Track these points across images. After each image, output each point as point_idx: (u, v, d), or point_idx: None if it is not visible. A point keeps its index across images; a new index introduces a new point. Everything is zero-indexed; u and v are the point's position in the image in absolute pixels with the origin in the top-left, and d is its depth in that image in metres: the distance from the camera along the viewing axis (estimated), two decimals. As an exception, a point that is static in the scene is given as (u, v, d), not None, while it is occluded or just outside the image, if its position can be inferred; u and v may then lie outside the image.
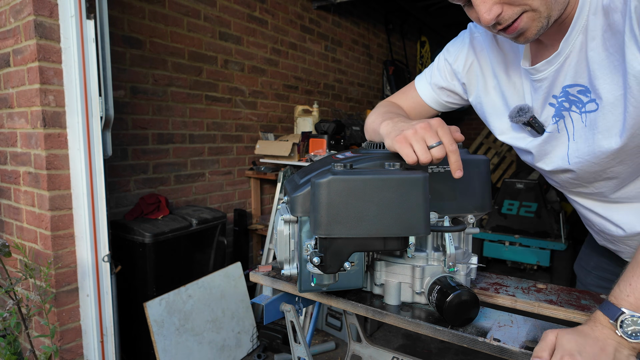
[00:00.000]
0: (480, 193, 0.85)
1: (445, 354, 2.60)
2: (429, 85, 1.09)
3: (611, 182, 0.86)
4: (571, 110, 0.83)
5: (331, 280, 0.78)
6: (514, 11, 0.72)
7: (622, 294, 0.66)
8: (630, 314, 0.63)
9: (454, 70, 1.03)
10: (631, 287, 0.65)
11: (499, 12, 0.72)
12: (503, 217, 3.62)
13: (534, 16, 0.72)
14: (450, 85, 1.05)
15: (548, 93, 0.86)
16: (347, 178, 0.67)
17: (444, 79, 1.05)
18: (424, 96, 1.10)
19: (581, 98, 0.80)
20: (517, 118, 0.90)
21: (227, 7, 3.02)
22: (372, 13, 4.79)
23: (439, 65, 1.06)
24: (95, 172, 1.81)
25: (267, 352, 2.53)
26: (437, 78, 1.06)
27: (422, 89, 1.10)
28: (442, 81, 1.06)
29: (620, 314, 0.63)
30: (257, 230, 3.23)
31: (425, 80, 1.09)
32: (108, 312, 1.89)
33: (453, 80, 1.04)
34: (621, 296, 0.65)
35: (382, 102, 1.15)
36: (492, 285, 0.94)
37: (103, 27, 1.78)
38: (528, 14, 0.72)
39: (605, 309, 0.66)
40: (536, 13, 0.72)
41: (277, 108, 3.55)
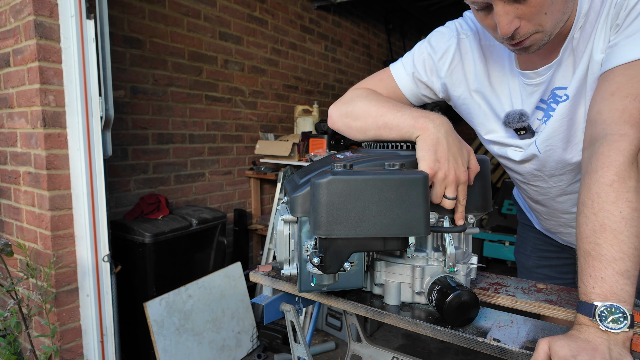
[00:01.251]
0: (480, 193, 0.85)
1: (445, 354, 2.60)
2: (408, 76, 1.05)
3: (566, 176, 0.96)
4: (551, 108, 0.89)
5: (331, 281, 0.78)
6: (529, 29, 0.77)
7: (588, 288, 0.66)
8: (602, 305, 0.64)
9: (437, 68, 1.02)
10: (592, 278, 0.66)
11: (517, 26, 0.76)
12: (503, 217, 3.62)
13: (542, 37, 0.79)
14: (429, 81, 1.04)
15: (540, 96, 0.91)
16: (347, 178, 0.67)
17: (424, 72, 1.03)
18: (402, 86, 1.06)
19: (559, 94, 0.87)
20: (518, 123, 0.94)
21: (227, 7, 3.02)
22: (372, 13, 4.79)
23: (420, 56, 1.04)
24: (95, 172, 1.81)
25: (267, 352, 2.53)
26: (419, 70, 1.04)
27: (401, 79, 1.06)
28: (422, 74, 1.04)
29: (594, 308, 0.64)
30: (257, 230, 3.23)
31: (404, 70, 1.06)
32: (108, 312, 1.89)
33: (432, 76, 1.03)
34: (588, 290, 0.66)
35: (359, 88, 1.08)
36: (492, 285, 0.94)
37: (103, 27, 1.78)
38: (538, 35, 0.78)
39: (582, 308, 0.66)
40: (544, 34, 0.78)
41: (277, 108, 3.55)
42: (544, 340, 0.65)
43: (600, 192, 0.68)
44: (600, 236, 0.66)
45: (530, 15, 0.76)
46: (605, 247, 0.66)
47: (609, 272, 0.65)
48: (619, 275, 0.64)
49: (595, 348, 0.62)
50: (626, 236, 0.65)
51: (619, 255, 0.65)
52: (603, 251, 0.66)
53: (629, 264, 0.64)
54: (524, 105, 0.94)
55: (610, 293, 0.64)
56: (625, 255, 0.65)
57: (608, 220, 0.66)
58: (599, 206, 0.68)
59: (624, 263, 0.64)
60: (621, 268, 0.64)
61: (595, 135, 0.74)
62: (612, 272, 0.65)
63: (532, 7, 0.75)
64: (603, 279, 0.65)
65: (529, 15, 0.76)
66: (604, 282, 0.65)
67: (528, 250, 1.32)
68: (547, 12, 0.76)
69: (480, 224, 3.74)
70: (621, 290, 0.64)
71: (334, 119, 1.03)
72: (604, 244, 0.66)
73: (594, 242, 0.67)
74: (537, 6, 0.75)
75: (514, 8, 0.75)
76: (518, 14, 0.75)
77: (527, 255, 1.33)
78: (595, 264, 0.66)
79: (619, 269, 0.64)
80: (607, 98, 0.73)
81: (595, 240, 0.67)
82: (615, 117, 0.71)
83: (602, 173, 0.69)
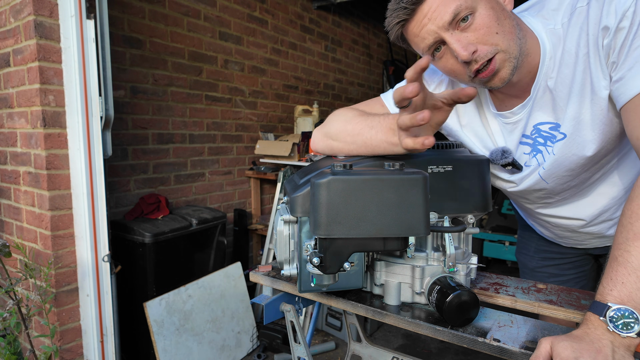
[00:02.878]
0: (480, 193, 0.85)
1: (445, 354, 2.60)
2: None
3: (572, 190, 1.01)
4: (547, 145, 0.94)
5: (331, 281, 0.78)
6: (488, 50, 0.80)
7: (606, 290, 0.67)
8: (616, 307, 0.64)
9: None
10: (613, 282, 0.67)
11: (475, 50, 0.80)
12: (503, 217, 3.62)
13: (505, 57, 0.82)
14: None
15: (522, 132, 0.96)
16: (347, 178, 0.67)
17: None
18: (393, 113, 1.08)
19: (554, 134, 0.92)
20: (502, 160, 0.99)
21: (227, 7, 3.02)
22: (372, 13, 4.79)
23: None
24: (95, 172, 1.81)
25: (267, 352, 2.53)
26: None
27: (393, 106, 1.07)
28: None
29: (607, 309, 0.64)
30: (257, 230, 3.23)
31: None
32: (108, 312, 1.89)
33: None
34: (605, 292, 0.67)
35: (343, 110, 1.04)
36: (492, 285, 0.94)
37: (103, 27, 1.78)
38: (500, 55, 0.81)
39: (594, 307, 0.67)
40: (506, 54, 0.81)
41: (277, 108, 3.55)
42: (546, 339, 0.64)
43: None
44: (631, 244, 0.68)
45: (482, 38, 0.80)
46: (634, 254, 0.67)
47: (632, 278, 0.65)
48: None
49: (599, 350, 0.61)
50: None
51: None
52: (631, 259, 0.67)
53: None
54: (507, 143, 0.99)
55: (628, 298, 0.65)
56: None
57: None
58: (636, 216, 0.70)
59: None
60: None
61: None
62: (635, 280, 0.65)
63: (480, 30, 0.79)
64: (624, 284, 0.66)
65: (481, 38, 0.80)
66: (624, 287, 0.66)
67: (531, 251, 1.33)
68: (497, 32, 0.80)
69: (480, 224, 3.74)
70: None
71: (316, 142, 1.02)
72: (633, 252, 0.67)
73: (624, 249, 0.68)
74: (484, 27, 0.79)
75: (464, 36, 0.80)
76: (470, 41, 0.80)
77: (531, 257, 1.33)
78: (620, 269, 0.67)
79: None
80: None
81: (626, 247, 0.68)
82: None
83: None
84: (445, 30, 0.81)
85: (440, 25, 0.80)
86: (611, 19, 0.77)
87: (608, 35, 0.78)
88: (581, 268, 1.27)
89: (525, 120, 0.94)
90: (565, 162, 0.93)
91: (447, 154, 0.84)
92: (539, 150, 0.96)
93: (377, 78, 5.07)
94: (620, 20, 0.76)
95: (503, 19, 0.81)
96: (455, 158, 0.83)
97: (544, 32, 0.87)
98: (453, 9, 0.78)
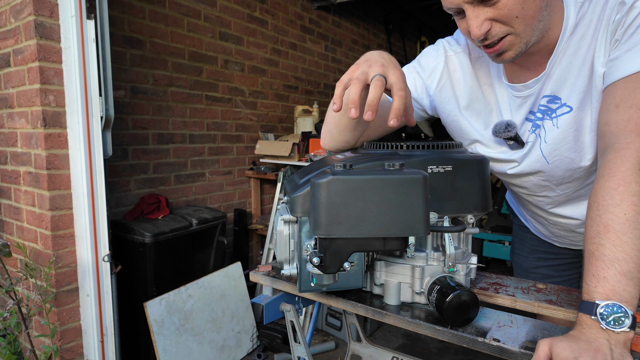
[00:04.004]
0: (480, 193, 0.85)
1: (445, 354, 2.60)
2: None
3: (573, 184, 0.99)
4: (544, 119, 0.93)
5: (331, 281, 0.78)
6: (502, 30, 0.80)
7: (590, 287, 0.67)
8: (604, 304, 0.64)
9: (426, 85, 1.06)
10: (595, 278, 0.67)
11: (489, 29, 0.80)
12: (503, 217, 3.62)
13: (515, 40, 0.82)
14: (419, 98, 1.08)
15: (530, 109, 0.95)
16: (347, 178, 0.67)
17: (414, 89, 1.08)
18: None
19: (550, 106, 0.91)
20: (504, 133, 0.97)
21: (227, 7, 3.02)
22: (372, 13, 4.79)
23: (410, 75, 1.08)
24: (95, 172, 1.81)
25: (267, 351, 2.53)
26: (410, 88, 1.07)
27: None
28: (412, 92, 1.07)
29: (596, 307, 0.65)
30: (257, 230, 3.23)
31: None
32: (108, 311, 1.89)
33: (423, 94, 1.07)
34: (590, 289, 0.67)
35: None
36: (491, 285, 0.94)
37: (103, 27, 1.78)
38: (511, 37, 0.81)
39: (583, 307, 0.67)
40: (517, 37, 0.81)
41: (277, 108, 3.55)
42: (544, 341, 0.65)
43: (605, 195, 0.70)
44: (603, 237, 0.68)
45: (500, 18, 0.79)
46: (608, 247, 0.67)
47: (611, 272, 0.65)
48: (622, 276, 0.65)
49: (597, 349, 0.62)
50: (629, 237, 0.66)
51: (621, 256, 0.66)
52: (606, 251, 0.67)
53: (631, 265, 0.65)
54: (513, 117, 0.97)
55: (613, 292, 0.65)
56: (628, 256, 0.65)
57: (612, 221, 0.68)
58: (603, 208, 0.70)
59: (627, 264, 0.65)
60: (624, 268, 0.65)
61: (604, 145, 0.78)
62: (614, 272, 0.65)
63: (501, 10, 0.78)
64: (605, 278, 0.66)
65: (500, 18, 0.79)
66: (606, 282, 0.65)
67: (525, 251, 1.33)
68: (518, 16, 0.79)
69: (480, 224, 3.74)
70: (623, 290, 0.64)
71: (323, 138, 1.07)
72: (607, 244, 0.67)
73: (598, 242, 0.68)
74: (506, 9, 0.78)
75: (483, 11, 0.79)
76: (488, 17, 0.79)
77: (525, 257, 1.33)
78: (598, 264, 0.67)
79: (621, 270, 0.65)
80: (612, 110, 0.77)
81: (599, 241, 0.68)
82: (622, 127, 0.75)
83: (609, 178, 0.71)
84: (468, 3, 0.79)
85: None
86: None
87: (622, 10, 0.77)
88: (575, 270, 1.27)
89: (536, 95, 0.92)
90: (569, 137, 0.91)
91: (447, 154, 0.84)
92: (538, 125, 0.95)
93: (377, 78, 5.06)
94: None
95: (530, 1, 0.79)
96: (455, 158, 0.83)
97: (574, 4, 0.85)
98: None
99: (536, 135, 0.95)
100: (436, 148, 0.87)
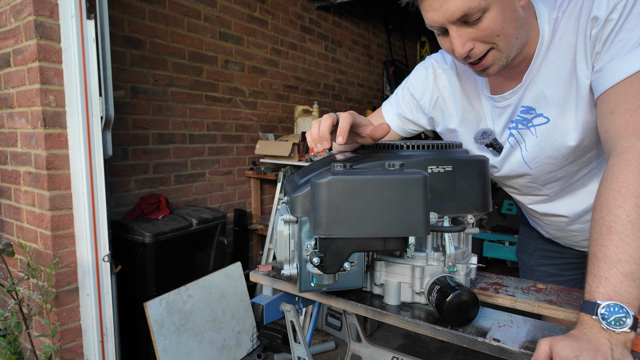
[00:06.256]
0: (480, 193, 0.85)
1: (445, 354, 2.60)
2: (395, 115, 1.19)
3: (559, 182, 1.03)
4: (518, 128, 0.98)
5: (331, 280, 0.78)
6: (484, 48, 0.85)
7: (592, 287, 0.68)
8: (605, 304, 0.65)
9: (421, 106, 1.14)
10: (597, 278, 0.68)
11: (471, 48, 0.84)
12: (503, 217, 3.62)
13: (498, 55, 0.86)
14: (415, 118, 1.17)
15: (509, 118, 0.99)
16: (347, 178, 0.67)
17: (409, 111, 1.16)
18: (390, 124, 1.19)
19: (524, 117, 0.96)
20: (481, 140, 1.03)
21: (227, 7, 3.02)
22: (372, 13, 4.79)
23: (404, 97, 1.16)
24: (95, 172, 1.81)
25: (267, 352, 2.53)
26: (404, 110, 1.17)
27: (389, 117, 1.20)
28: (408, 113, 1.17)
29: (597, 307, 0.65)
30: (257, 230, 3.23)
31: (392, 110, 1.20)
32: (108, 311, 1.89)
33: (418, 113, 1.16)
34: (592, 290, 0.68)
35: None
36: (491, 285, 0.94)
37: (103, 27, 1.78)
38: (493, 52, 0.85)
39: (585, 307, 0.67)
40: (499, 52, 0.85)
41: (277, 108, 3.56)
42: (544, 340, 0.65)
43: (608, 197, 0.72)
44: (606, 238, 0.69)
45: (482, 38, 0.83)
46: (611, 248, 0.67)
47: (613, 272, 0.66)
48: (623, 277, 0.65)
49: (598, 348, 0.62)
50: (632, 239, 0.67)
51: (624, 257, 0.66)
52: (608, 252, 0.67)
53: (633, 267, 0.65)
54: (494, 126, 1.03)
55: (614, 293, 0.65)
56: (630, 258, 0.66)
57: (615, 223, 0.69)
58: (606, 210, 0.71)
59: (629, 265, 0.66)
60: (626, 270, 0.65)
61: (607, 151, 0.80)
62: (616, 273, 0.66)
63: (484, 31, 0.82)
64: (607, 279, 0.66)
65: (482, 38, 0.83)
66: (608, 282, 0.66)
67: (530, 249, 1.35)
68: (499, 35, 0.83)
69: (480, 224, 3.74)
70: (625, 291, 0.65)
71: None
72: (609, 246, 0.68)
73: (601, 244, 0.69)
74: (488, 30, 0.82)
75: (466, 31, 0.83)
76: (471, 37, 0.83)
77: (529, 255, 1.35)
78: (601, 265, 0.68)
79: (623, 271, 0.66)
80: (609, 117, 0.79)
81: (602, 242, 0.69)
82: (621, 131, 0.77)
83: (612, 181, 0.73)
84: (452, 24, 0.83)
85: (449, 18, 0.81)
86: (602, 10, 0.79)
87: (597, 25, 0.80)
88: (579, 270, 1.28)
89: (514, 106, 0.97)
90: (547, 147, 0.95)
91: (447, 154, 0.84)
92: (512, 134, 1.00)
93: (377, 78, 5.07)
94: (610, 12, 0.78)
95: (509, 20, 0.83)
96: (455, 158, 0.83)
97: (547, 21, 0.89)
98: (466, 9, 0.79)
99: (517, 143, 1.00)
100: (436, 148, 0.87)
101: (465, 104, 1.07)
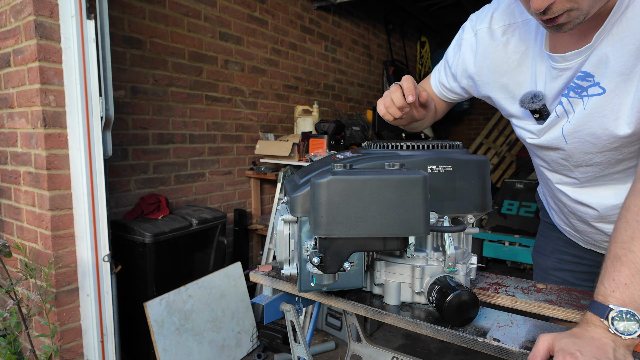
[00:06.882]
0: (480, 193, 0.85)
1: (445, 354, 2.60)
2: (438, 82, 1.20)
3: (593, 168, 0.92)
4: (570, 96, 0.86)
5: (331, 280, 0.78)
6: (564, 6, 0.73)
7: (608, 291, 0.66)
8: (618, 310, 0.63)
9: (454, 74, 1.13)
10: (615, 282, 0.65)
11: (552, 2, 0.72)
12: (503, 217, 3.62)
13: (576, 14, 0.74)
14: (452, 87, 1.17)
15: (566, 83, 0.87)
16: (347, 178, 0.67)
17: (447, 80, 1.16)
18: (435, 90, 1.22)
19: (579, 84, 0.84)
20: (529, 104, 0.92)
21: (227, 8, 3.02)
22: (372, 13, 4.79)
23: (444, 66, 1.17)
24: (95, 172, 1.81)
25: (267, 351, 2.53)
26: (443, 78, 1.17)
27: (433, 84, 1.22)
28: (446, 82, 1.17)
29: (609, 311, 0.64)
30: (257, 230, 3.23)
31: (435, 77, 1.21)
32: (108, 311, 1.89)
33: (454, 82, 1.15)
34: (607, 293, 0.66)
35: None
36: (491, 285, 0.94)
37: (103, 27, 1.78)
38: (570, 13, 0.74)
39: (595, 308, 0.66)
40: (578, 12, 0.73)
41: (277, 108, 3.55)
42: (544, 336, 0.64)
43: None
44: (636, 244, 0.65)
45: None
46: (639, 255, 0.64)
47: (636, 280, 0.64)
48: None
49: (600, 347, 0.61)
50: None
51: None
52: (635, 259, 0.64)
53: None
54: (545, 89, 0.90)
55: (631, 300, 0.63)
56: None
57: None
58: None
59: None
60: None
61: None
62: (638, 282, 0.64)
63: None
64: (627, 285, 0.64)
65: None
66: (627, 289, 0.64)
67: (548, 250, 1.27)
68: None
69: (480, 224, 3.74)
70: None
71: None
72: (638, 252, 0.65)
73: (628, 248, 0.65)
74: None
75: None
76: None
77: (546, 256, 1.27)
78: (623, 270, 0.65)
79: None
80: None
81: (630, 247, 0.65)
82: None
83: None
84: None
85: None
86: None
87: None
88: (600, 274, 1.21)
89: (574, 69, 0.84)
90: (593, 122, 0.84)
91: (447, 154, 0.84)
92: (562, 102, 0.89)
93: (377, 78, 5.07)
94: None
95: None
96: (455, 158, 0.83)
97: None
98: None
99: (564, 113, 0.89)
100: (436, 148, 0.87)
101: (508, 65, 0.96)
